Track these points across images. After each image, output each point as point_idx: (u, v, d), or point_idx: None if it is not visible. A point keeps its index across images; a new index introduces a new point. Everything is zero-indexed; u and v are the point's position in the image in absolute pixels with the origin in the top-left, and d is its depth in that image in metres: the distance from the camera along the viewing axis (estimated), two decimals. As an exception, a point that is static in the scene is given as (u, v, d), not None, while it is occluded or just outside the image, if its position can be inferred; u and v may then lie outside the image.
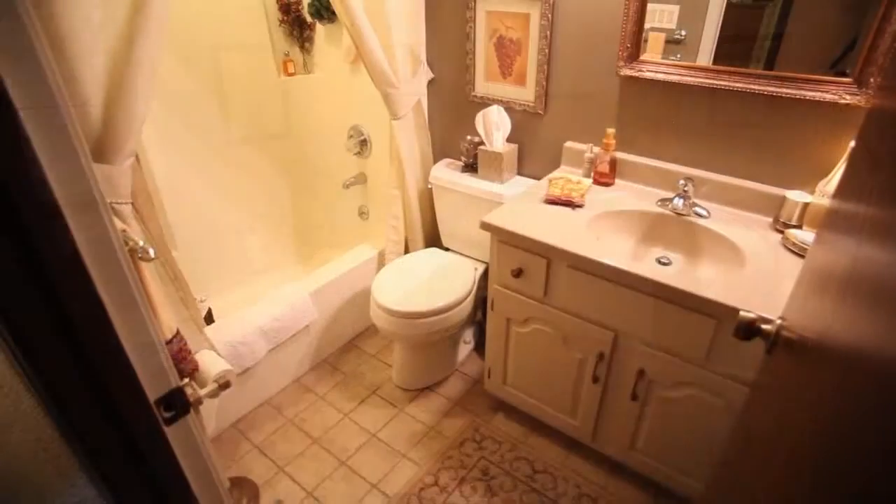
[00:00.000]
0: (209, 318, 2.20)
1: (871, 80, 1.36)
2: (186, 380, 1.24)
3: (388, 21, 2.01)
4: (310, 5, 2.45)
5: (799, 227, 1.55)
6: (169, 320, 1.32)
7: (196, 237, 2.49)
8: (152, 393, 0.72)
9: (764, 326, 0.93)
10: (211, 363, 1.55)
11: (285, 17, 2.55)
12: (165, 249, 1.55)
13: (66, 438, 0.65)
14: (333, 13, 2.34)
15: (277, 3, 2.53)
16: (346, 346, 2.55)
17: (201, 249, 2.52)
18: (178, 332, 1.34)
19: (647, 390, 1.59)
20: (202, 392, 1.03)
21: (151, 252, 1.01)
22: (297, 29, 2.58)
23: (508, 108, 2.11)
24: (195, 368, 1.44)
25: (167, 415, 0.75)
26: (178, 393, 0.78)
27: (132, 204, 1.40)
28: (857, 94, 1.40)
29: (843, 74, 1.43)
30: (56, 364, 0.60)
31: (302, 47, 2.65)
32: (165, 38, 1.37)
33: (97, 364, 0.63)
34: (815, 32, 1.48)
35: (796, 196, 1.55)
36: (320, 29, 2.55)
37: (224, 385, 1.09)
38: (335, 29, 2.48)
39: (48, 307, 0.57)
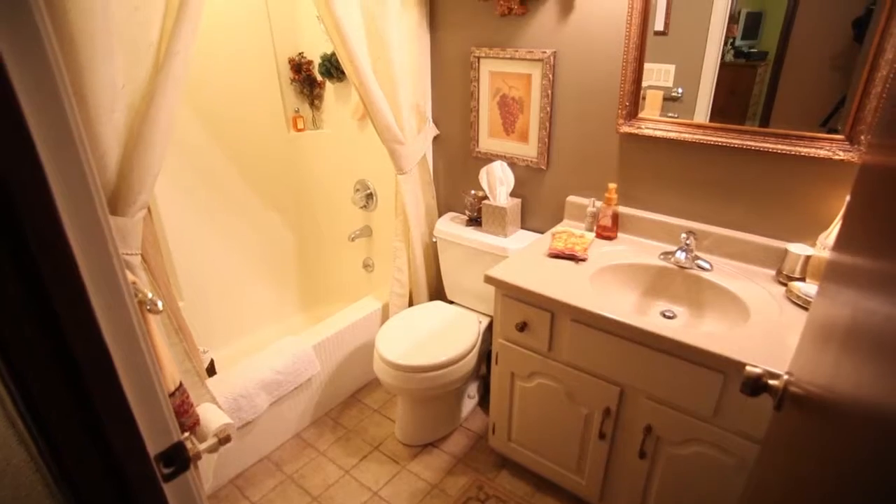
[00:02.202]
0: (211, 370, 2.19)
1: (862, 137, 1.40)
2: (187, 434, 1.23)
3: (396, 80, 2.10)
4: (320, 65, 2.56)
5: (802, 279, 1.55)
6: (172, 372, 1.32)
7: (201, 287, 2.51)
8: (153, 447, 0.71)
9: (771, 382, 0.92)
10: (211, 416, 1.52)
11: (296, 76, 2.66)
12: (171, 300, 1.56)
13: (62, 494, 0.63)
14: (343, 72, 2.45)
15: (289, 62, 2.65)
16: (349, 400, 2.51)
17: (205, 300, 2.53)
18: (180, 385, 1.33)
19: (655, 448, 1.55)
20: (202, 447, 1.01)
21: (160, 304, 1.02)
22: (308, 87, 2.69)
23: (511, 163, 2.16)
24: (196, 422, 1.42)
25: (167, 471, 0.74)
26: (179, 448, 0.77)
27: (141, 255, 1.42)
28: (850, 151, 1.43)
29: (836, 132, 1.47)
30: (58, 416, 0.60)
31: (312, 104, 2.75)
32: (182, 95, 1.43)
33: (100, 417, 0.63)
34: (806, 91, 1.53)
35: (798, 249, 1.56)
36: (330, 87, 2.66)
37: (224, 440, 1.07)
38: (344, 87, 2.58)
39: (55, 357, 0.57)
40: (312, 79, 2.67)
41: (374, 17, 1.98)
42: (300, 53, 2.65)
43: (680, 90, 1.73)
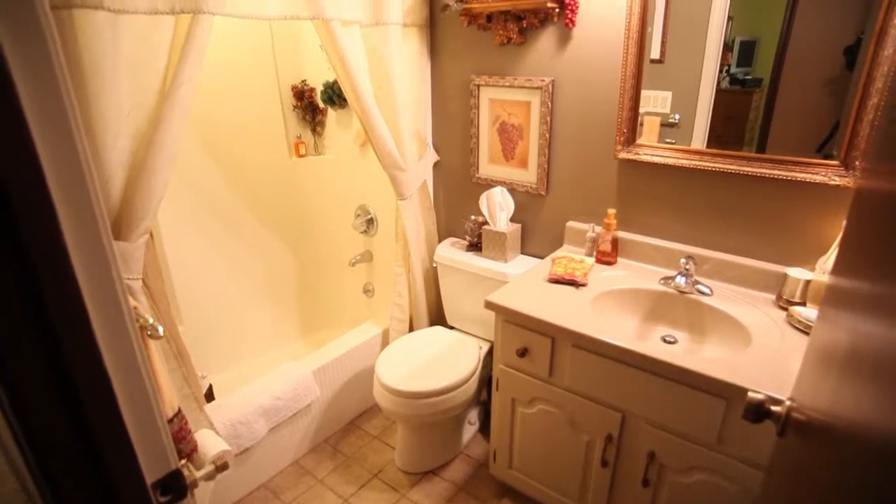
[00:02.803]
0: (210, 396, 2.17)
1: (857, 163, 1.42)
2: (184, 461, 1.21)
3: (397, 108, 2.13)
4: (323, 92, 2.61)
5: (803, 304, 1.55)
6: (171, 398, 1.31)
7: (201, 312, 2.50)
8: (150, 475, 0.71)
9: (773, 408, 0.91)
10: (209, 443, 1.51)
11: (299, 103, 2.70)
12: (172, 324, 1.56)
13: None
14: (344, 100, 2.49)
15: (292, 89, 2.70)
16: (348, 426, 2.48)
17: (205, 324, 2.53)
18: (179, 411, 1.32)
19: (658, 475, 1.53)
20: (199, 474, 1.00)
21: (160, 330, 1.02)
22: (310, 113, 2.73)
23: (511, 189, 2.18)
24: (194, 449, 1.40)
25: (163, 499, 0.73)
26: (177, 475, 0.76)
27: (142, 279, 1.42)
28: (846, 176, 1.45)
29: (831, 157, 1.49)
30: (54, 441, 0.59)
31: (314, 130, 2.79)
32: (187, 121, 1.46)
33: (97, 443, 0.63)
34: (801, 117, 1.55)
35: (797, 273, 1.56)
36: (331, 114, 2.70)
37: (222, 467, 1.06)
38: (345, 114, 2.62)
39: (55, 381, 0.57)
40: (315, 106, 2.71)
41: (375, 47, 2.03)
42: (303, 81, 2.70)
43: (677, 116, 1.75)
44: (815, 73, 1.49)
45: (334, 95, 2.55)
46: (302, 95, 2.69)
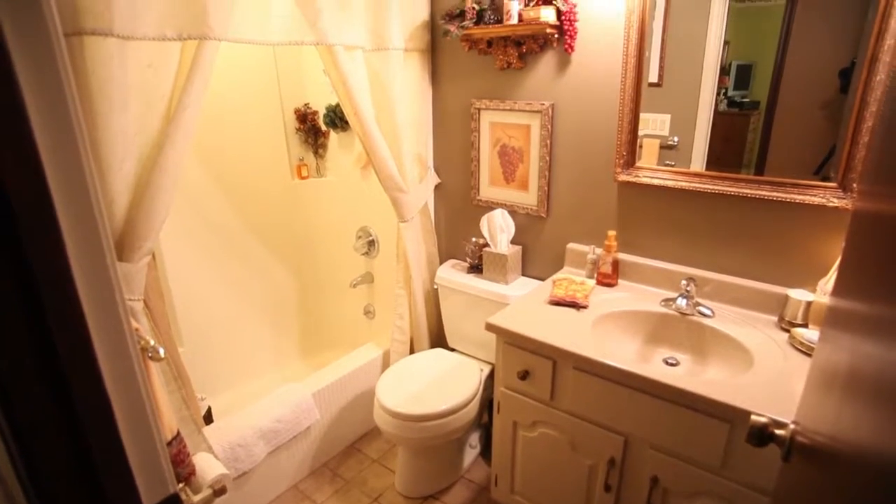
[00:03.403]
0: (208, 418, 2.15)
1: (854, 185, 1.43)
2: (182, 484, 1.20)
3: (398, 131, 2.16)
4: (325, 116, 2.64)
5: (805, 325, 1.55)
6: (170, 420, 1.30)
7: (201, 333, 2.50)
8: (148, 499, 0.70)
9: (777, 431, 0.90)
10: (207, 466, 1.49)
11: (302, 126, 2.74)
12: (172, 346, 1.56)
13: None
14: (346, 123, 2.52)
15: (295, 112, 2.73)
16: (348, 449, 2.45)
17: (205, 345, 2.52)
18: (178, 433, 1.31)
19: (662, 500, 1.50)
20: (196, 498, 0.99)
21: (161, 352, 1.02)
22: (312, 136, 2.76)
23: (512, 211, 2.20)
24: (192, 473, 1.39)
25: (160, 523, 0.72)
26: (174, 500, 0.75)
27: (143, 300, 1.43)
28: (844, 198, 1.46)
29: (829, 179, 1.50)
30: (52, 465, 0.59)
31: (316, 153, 2.82)
32: (191, 144, 1.47)
33: (96, 466, 0.62)
34: (798, 139, 1.57)
35: (799, 295, 1.56)
36: (334, 136, 2.73)
37: (219, 491, 1.05)
38: (347, 137, 2.65)
39: (55, 404, 0.57)
40: (317, 128, 2.75)
41: (378, 71, 2.06)
42: (306, 104, 2.73)
43: (676, 139, 1.77)
44: (810, 96, 1.51)
45: (336, 118, 2.59)
46: (305, 118, 2.72)
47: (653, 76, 1.76)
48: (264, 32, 1.70)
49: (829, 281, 1.50)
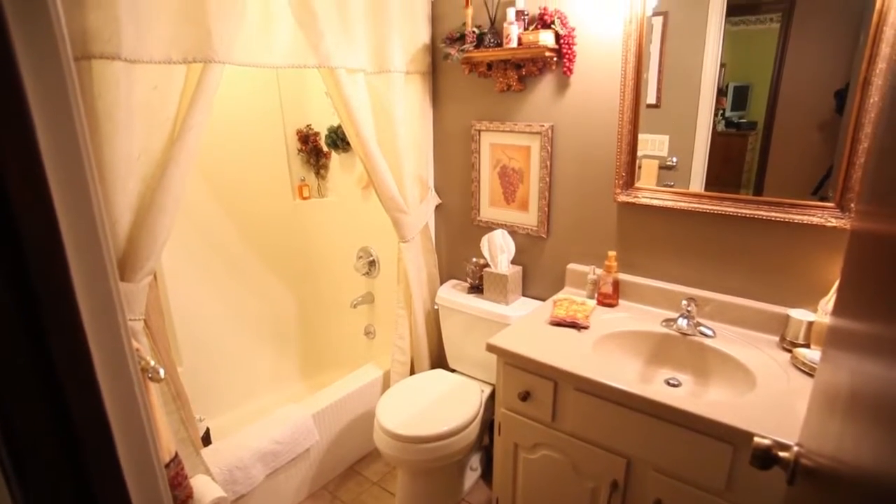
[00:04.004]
0: (206, 439, 2.13)
1: (852, 205, 1.44)
2: (179, 508, 1.19)
3: (400, 152, 2.18)
4: (327, 137, 2.67)
5: (806, 345, 1.54)
6: (168, 442, 1.29)
7: (200, 353, 2.49)
8: (144, 523, 0.69)
9: (781, 454, 0.89)
10: (204, 489, 1.48)
11: (303, 147, 2.76)
12: (171, 366, 1.55)
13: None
14: (348, 144, 2.54)
15: (297, 134, 2.76)
16: (347, 471, 2.42)
17: (204, 366, 2.51)
18: (176, 455, 1.30)
19: (666, 524, 1.48)
20: (195, 521, 0.98)
21: (161, 373, 1.02)
22: (314, 157, 2.79)
23: (512, 231, 2.20)
24: (189, 496, 1.37)
25: (156, 548, 0.71)
26: (172, 522, 0.74)
27: (144, 320, 1.42)
28: (842, 218, 1.47)
29: (827, 199, 1.51)
30: (49, 488, 0.58)
31: (317, 173, 2.84)
32: (195, 164, 1.49)
33: (93, 490, 0.62)
34: (796, 159, 1.58)
35: (800, 315, 1.56)
36: (335, 157, 2.75)
37: (218, 514, 1.04)
38: (349, 158, 2.67)
39: (53, 426, 0.57)
40: (319, 149, 2.77)
41: (379, 93, 2.09)
42: (308, 125, 2.76)
43: (674, 159, 1.79)
44: (807, 117, 1.53)
45: (338, 139, 2.61)
46: (307, 139, 2.75)
47: (651, 98, 1.78)
48: (268, 55, 1.73)
49: (829, 301, 1.50)
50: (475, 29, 2.02)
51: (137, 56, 1.32)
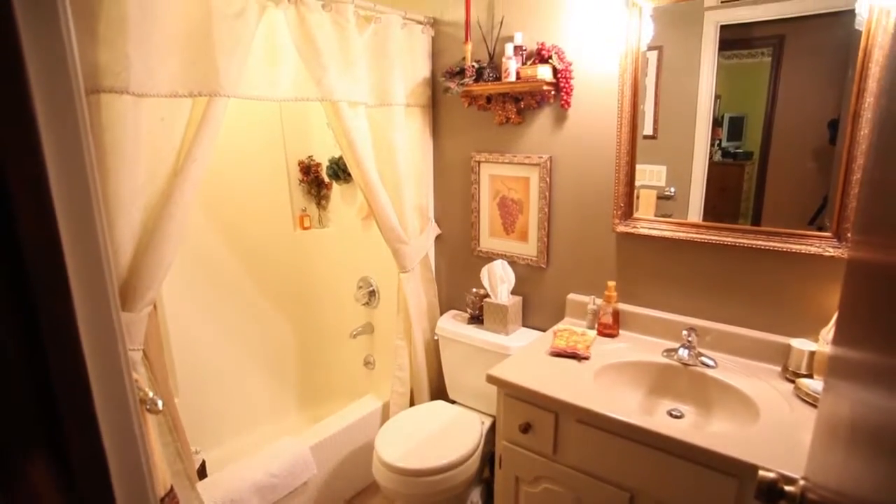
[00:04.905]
0: (202, 472, 2.09)
1: (849, 234, 1.45)
2: (173, 544, 1.16)
3: (400, 183, 2.20)
4: (328, 168, 2.70)
5: (809, 375, 1.53)
6: (164, 475, 1.27)
7: (198, 383, 2.46)
8: (137, 561, 0.68)
9: (787, 488, 0.88)
10: (200, 525, 1.45)
11: (305, 177, 2.79)
12: (169, 397, 1.54)
13: None
14: (349, 175, 2.57)
15: (299, 164, 2.80)
16: (345, 507, 2.38)
17: (202, 396, 2.48)
18: (171, 489, 1.28)
19: (672, 561, 1.44)
20: (189, 558, 0.96)
21: (160, 404, 1.01)
22: (315, 187, 2.82)
23: (512, 262, 2.21)
24: (183, 531, 1.34)
25: (147, 590, 0.70)
26: (165, 559, 0.73)
27: (142, 350, 1.42)
28: (839, 248, 1.48)
29: (824, 228, 1.52)
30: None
31: (318, 204, 2.86)
32: (197, 194, 1.50)
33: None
34: (792, 189, 1.60)
35: (801, 344, 1.55)
36: (336, 188, 2.78)
37: (213, 550, 1.01)
38: (350, 188, 2.70)
39: (52, 458, 0.56)
40: (320, 180, 2.80)
41: (380, 126, 2.12)
42: (310, 156, 2.80)
43: (672, 189, 1.80)
44: (802, 147, 1.55)
45: (339, 170, 2.64)
46: (308, 170, 2.78)
47: (648, 129, 1.81)
48: (272, 89, 1.76)
49: (830, 330, 1.50)
50: (474, 63, 2.07)
51: (145, 90, 1.35)
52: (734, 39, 1.62)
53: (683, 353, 1.68)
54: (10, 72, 0.43)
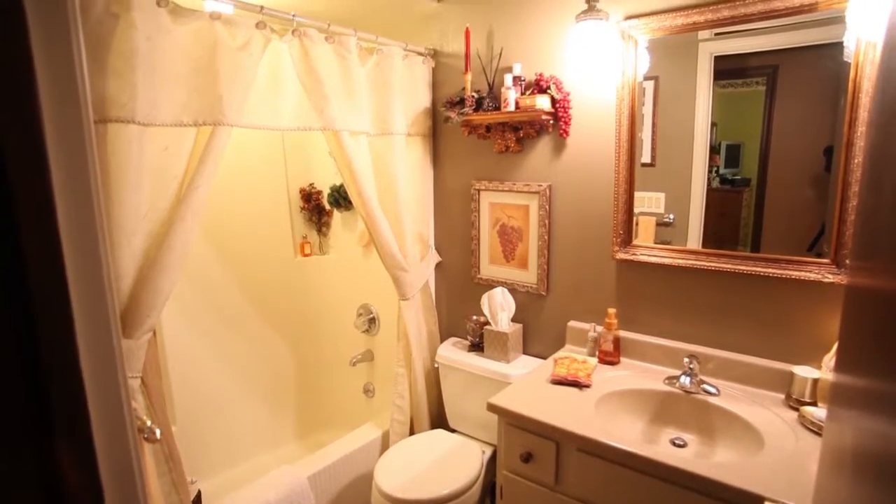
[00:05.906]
0: (198, 503, 2.05)
1: (847, 261, 1.45)
2: (167, 578, 1.14)
3: (401, 211, 2.22)
4: (329, 195, 2.72)
5: (814, 403, 1.51)
6: (159, 507, 1.25)
7: (195, 411, 2.44)
8: None
9: (793, 517, 0.87)
10: (195, 559, 1.41)
11: (306, 205, 2.81)
12: (166, 425, 1.52)
13: None
14: (350, 202, 2.59)
15: (300, 192, 2.82)
16: (343, 540, 2.32)
17: (199, 424, 2.45)
18: (166, 521, 1.25)
19: None
20: (184, 592, 0.94)
21: (158, 433, 1.00)
22: (316, 215, 2.84)
23: (512, 289, 2.21)
24: (178, 565, 1.31)
25: None
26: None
27: (141, 377, 1.41)
28: (838, 274, 1.48)
29: (822, 255, 1.52)
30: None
31: (319, 231, 2.88)
32: (199, 223, 1.52)
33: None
34: (790, 216, 1.61)
35: (804, 372, 1.54)
36: (337, 215, 2.80)
37: (208, 584, 0.99)
38: (351, 216, 2.72)
39: (45, 487, 0.56)
40: (321, 207, 2.82)
41: (381, 154, 2.15)
42: (311, 184, 2.83)
43: (671, 216, 1.82)
44: (798, 173, 1.57)
45: (340, 198, 2.67)
46: (309, 198, 2.81)
47: (646, 157, 1.83)
48: (275, 119, 1.79)
49: (832, 357, 1.49)
50: (474, 93, 2.11)
51: (150, 120, 1.38)
52: (729, 69, 1.65)
53: (685, 380, 1.66)
54: (24, 102, 0.44)
